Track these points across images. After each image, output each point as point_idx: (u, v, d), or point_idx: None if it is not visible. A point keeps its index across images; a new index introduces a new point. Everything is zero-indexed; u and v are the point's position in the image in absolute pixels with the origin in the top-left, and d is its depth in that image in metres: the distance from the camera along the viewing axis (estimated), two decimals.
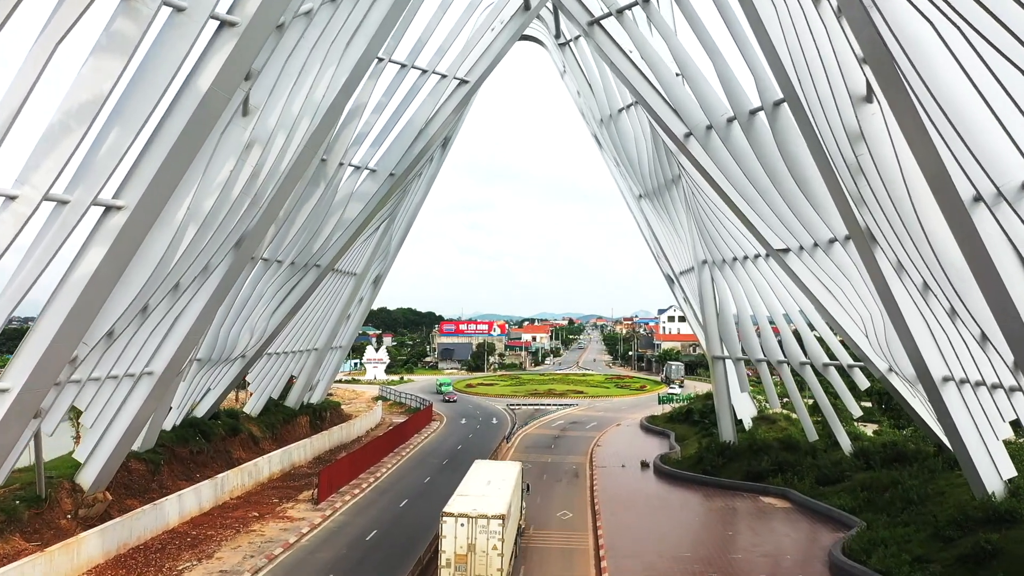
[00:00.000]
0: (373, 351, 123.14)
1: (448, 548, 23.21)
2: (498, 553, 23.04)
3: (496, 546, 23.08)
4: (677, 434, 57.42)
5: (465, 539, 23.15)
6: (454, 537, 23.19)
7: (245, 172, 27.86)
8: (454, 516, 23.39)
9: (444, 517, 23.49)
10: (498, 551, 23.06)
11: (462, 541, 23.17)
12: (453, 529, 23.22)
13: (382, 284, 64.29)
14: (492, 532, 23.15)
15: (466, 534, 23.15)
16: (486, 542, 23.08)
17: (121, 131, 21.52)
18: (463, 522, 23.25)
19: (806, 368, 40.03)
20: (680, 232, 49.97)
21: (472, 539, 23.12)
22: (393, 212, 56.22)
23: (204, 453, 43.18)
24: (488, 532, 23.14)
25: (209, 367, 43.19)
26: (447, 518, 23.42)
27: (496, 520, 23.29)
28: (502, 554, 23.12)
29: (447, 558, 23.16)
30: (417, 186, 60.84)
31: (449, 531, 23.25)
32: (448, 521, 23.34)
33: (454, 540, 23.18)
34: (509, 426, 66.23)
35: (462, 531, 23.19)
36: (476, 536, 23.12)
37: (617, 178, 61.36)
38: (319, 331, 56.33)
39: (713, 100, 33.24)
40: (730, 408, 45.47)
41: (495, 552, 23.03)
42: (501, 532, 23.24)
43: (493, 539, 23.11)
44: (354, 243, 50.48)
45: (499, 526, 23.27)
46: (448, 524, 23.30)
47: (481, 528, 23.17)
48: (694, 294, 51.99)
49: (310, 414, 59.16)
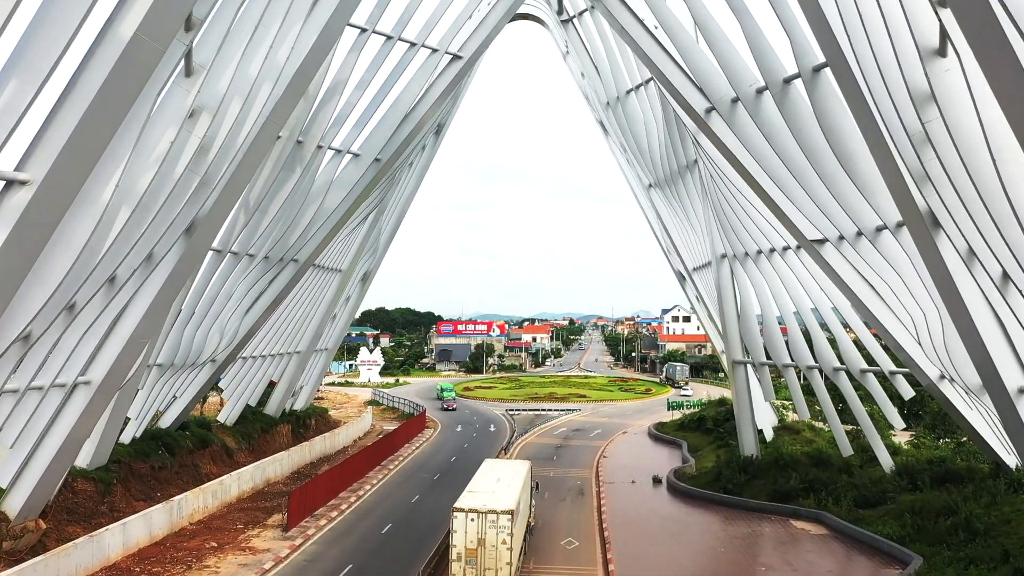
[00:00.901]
0: (367, 352, 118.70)
1: (459, 542, 23.73)
2: (507, 547, 23.68)
3: (505, 540, 23.69)
4: (690, 444, 53.01)
5: (475, 534, 23.69)
6: (464, 532, 23.73)
7: (191, 145, 23.47)
8: (464, 511, 23.93)
9: (455, 512, 24.00)
10: (507, 545, 23.69)
11: (472, 536, 23.70)
12: (464, 524, 23.75)
13: (371, 282, 59.92)
14: (501, 527, 23.75)
15: (476, 529, 23.70)
16: (496, 537, 23.67)
17: (20, 85, 17.13)
18: (473, 517, 23.77)
19: (840, 375, 35.61)
20: (695, 224, 45.57)
21: (482, 534, 23.68)
22: (381, 203, 51.83)
23: (168, 469, 38.80)
24: (498, 527, 23.72)
25: (173, 373, 38.82)
26: (458, 513, 23.92)
27: (505, 515, 23.82)
28: (511, 548, 23.75)
29: (458, 552, 23.69)
30: (408, 176, 56.47)
31: (460, 526, 23.75)
32: (459, 516, 23.86)
33: (464, 535, 23.73)
34: (508, 434, 61.83)
35: (472, 526, 23.73)
36: (486, 531, 23.69)
37: (623, 167, 56.98)
38: (301, 332, 51.91)
39: (740, 69, 28.89)
40: (752, 418, 41.04)
41: (504, 546, 23.66)
42: (510, 527, 23.80)
43: (503, 534, 23.72)
44: (337, 236, 46.10)
45: (508, 521, 23.80)
46: (459, 519, 23.81)
47: (491, 523, 23.72)
48: (710, 292, 47.60)
49: (292, 422, 54.76)
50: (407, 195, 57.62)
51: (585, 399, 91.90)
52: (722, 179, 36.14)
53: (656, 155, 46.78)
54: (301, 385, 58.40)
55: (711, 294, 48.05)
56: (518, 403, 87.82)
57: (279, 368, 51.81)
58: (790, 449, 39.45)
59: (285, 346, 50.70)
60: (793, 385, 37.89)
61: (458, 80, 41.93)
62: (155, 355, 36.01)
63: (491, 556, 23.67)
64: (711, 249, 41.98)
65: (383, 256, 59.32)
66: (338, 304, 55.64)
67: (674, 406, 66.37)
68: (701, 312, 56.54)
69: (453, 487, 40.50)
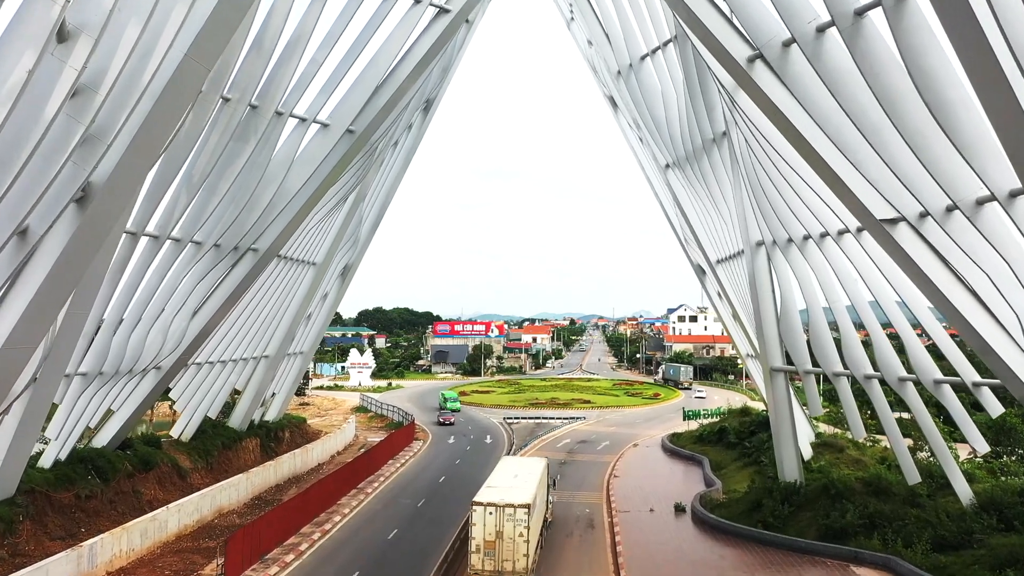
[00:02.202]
0: (357, 354, 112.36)
1: (478, 535, 24.51)
2: (524, 540, 24.36)
3: (522, 533, 24.40)
4: (712, 461, 46.71)
5: (493, 526, 24.42)
6: (483, 524, 24.49)
7: (64, 80, 17.14)
8: (483, 505, 24.74)
9: (474, 506, 24.89)
10: (524, 538, 24.37)
11: (490, 528, 24.44)
12: (482, 517, 24.54)
13: (352, 277, 53.55)
14: (519, 520, 24.42)
15: (494, 522, 24.43)
16: (513, 529, 24.37)
17: None
18: (491, 511, 24.53)
19: (907, 385, 29.26)
20: (722, 208, 39.23)
21: (500, 526, 24.41)
22: (361, 187, 45.54)
23: (99, 497, 32.51)
24: (515, 520, 24.41)
25: (103, 383, 32.54)
26: (476, 507, 24.76)
27: (522, 509, 24.56)
28: (528, 540, 24.43)
29: (477, 544, 24.49)
30: (393, 158, 50.16)
31: (478, 519, 24.58)
32: (477, 510, 24.71)
33: (483, 527, 24.48)
34: (505, 447, 55.50)
35: (490, 519, 24.47)
36: (503, 524, 24.40)
37: (635, 148, 50.65)
38: (269, 334, 45.58)
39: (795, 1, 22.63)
40: (794, 438, 34.65)
41: (521, 539, 24.36)
42: (527, 520, 24.52)
43: (519, 527, 24.38)
44: (306, 223, 39.85)
45: (525, 514, 24.52)
46: (477, 512, 24.67)
47: (508, 516, 24.44)
48: (738, 287, 41.28)
49: (262, 436, 48.41)
50: (392, 179, 51.31)
51: (589, 405, 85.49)
52: (763, 149, 29.73)
53: (676, 129, 40.46)
54: (273, 393, 52.09)
55: (739, 289, 41.75)
56: (517, 410, 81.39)
57: (244, 375, 45.45)
58: (841, 474, 33.05)
59: (250, 350, 44.36)
60: (847, 399, 31.49)
61: (446, 39, 35.75)
62: (76, 363, 29.78)
63: (508, 548, 24.38)
64: (743, 236, 35.62)
65: (365, 248, 52.96)
66: (313, 302, 49.32)
67: (691, 416, 59.95)
68: (723, 310, 50.23)
69: (440, 518, 34.33)
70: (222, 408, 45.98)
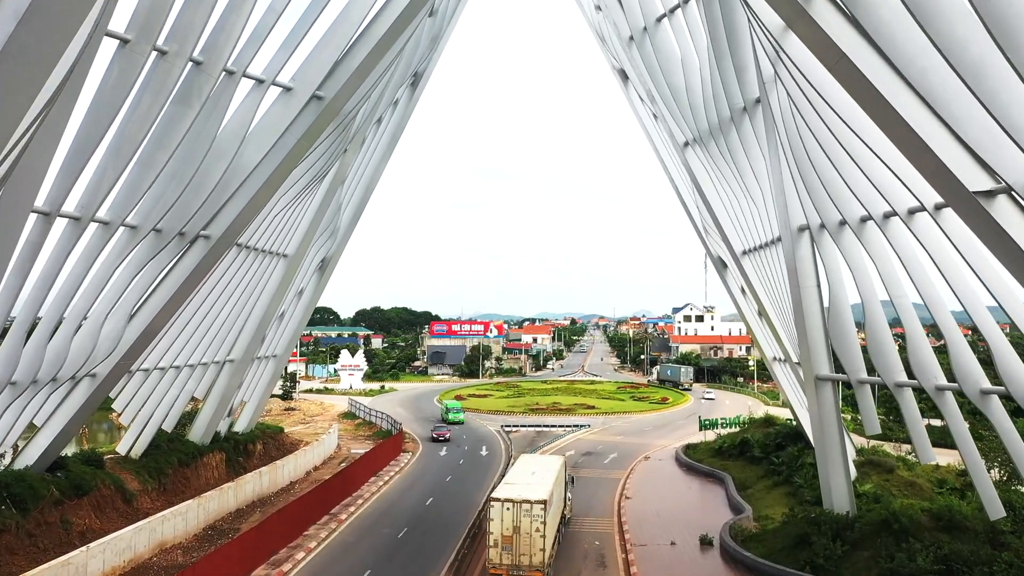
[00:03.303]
0: (348, 356, 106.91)
1: (495, 530, 25.23)
2: (540, 535, 24.93)
3: (539, 528, 24.98)
4: (736, 479, 41.33)
5: (511, 521, 25.10)
6: (500, 520, 25.19)
7: None
8: (500, 501, 25.40)
9: (491, 502, 25.63)
10: (540, 532, 24.94)
11: (508, 523, 25.13)
12: (500, 513, 25.26)
13: (332, 271, 48.14)
14: (535, 516, 25.02)
15: (511, 517, 25.10)
16: (529, 524, 24.99)
17: None
18: (508, 506, 25.19)
19: (990, 399, 23.86)
20: (753, 189, 33.87)
21: (517, 522, 25.07)
22: (340, 169, 40.20)
23: (13, 531, 27.21)
24: (531, 516, 25.01)
25: (15, 394, 27.16)
26: (494, 503, 25.48)
27: (538, 505, 25.17)
28: (544, 535, 24.94)
29: (494, 539, 25.19)
30: (376, 137, 44.83)
31: (496, 514, 25.29)
32: (495, 506, 25.39)
33: (500, 522, 25.17)
34: (503, 460, 50.11)
35: (507, 514, 25.14)
36: (520, 519, 25.07)
37: (648, 125, 45.29)
38: (233, 336, 40.18)
39: None
40: (845, 461, 29.21)
41: (538, 534, 24.94)
42: (543, 516, 25.04)
43: (536, 522, 25.01)
44: (270, 207, 34.53)
45: (541, 510, 25.08)
46: (495, 508, 25.36)
47: (525, 512, 25.08)
48: (769, 280, 35.92)
49: (228, 449, 43.01)
50: (376, 162, 45.98)
51: (594, 411, 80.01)
52: (814, 109, 24.29)
53: (698, 99, 35.12)
54: (243, 401, 46.75)
55: (770, 284, 36.41)
56: (516, 416, 76.00)
57: (204, 382, 40.05)
58: (902, 504, 27.62)
59: (211, 353, 38.96)
60: (912, 414, 26.00)
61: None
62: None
63: (525, 542, 24.88)
64: (781, 220, 30.18)
65: (347, 240, 47.54)
66: (286, 299, 43.95)
67: (707, 425, 54.49)
68: (747, 308, 44.86)
69: (424, 550, 29.07)
70: (180, 419, 40.69)
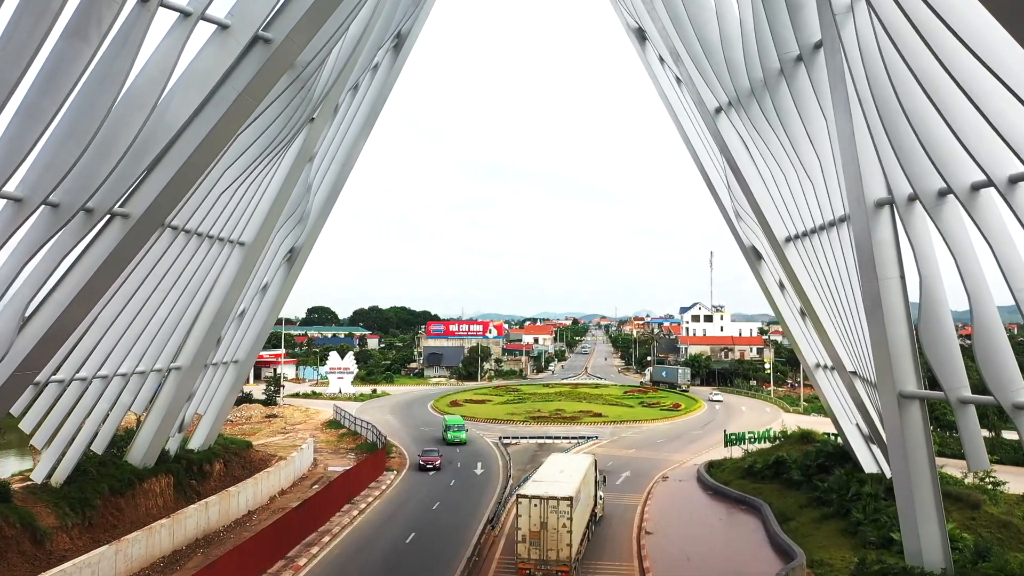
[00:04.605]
0: (337, 358, 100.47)
1: (524, 525, 25.84)
2: (567, 531, 25.51)
3: (565, 524, 25.54)
4: (775, 508, 34.94)
5: (538, 518, 25.66)
6: (528, 516, 25.79)
7: None
8: (528, 498, 25.97)
9: (519, 499, 26.20)
10: (567, 528, 25.53)
11: (535, 519, 25.68)
12: (528, 509, 25.83)
13: (303, 263, 41.75)
14: (562, 512, 25.59)
15: (539, 513, 25.67)
16: (556, 521, 25.56)
17: None
18: (536, 503, 25.76)
19: None
20: (808, 157, 27.47)
21: (544, 518, 25.62)
22: (305, 141, 33.91)
23: None
24: (558, 512, 25.59)
25: None
26: (522, 499, 26.04)
27: (565, 501, 25.72)
28: (571, 531, 25.56)
29: (523, 534, 25.80)
30: (353, 105, 38.52)
31: (524, 511, 25.89)
32: (523, 502, 25.96)
33: (528, 519, 25.77)
34: (500, 481, 43.74)
35: (535, 511, 25.73)
36: (548, 515, 25.63)
37: (669, 92, 38.95)
38: (178, 337, 33.83)
39: None
40: (938, 505, 22.81)
41: (565, 530, 25.50)
42: (570, 512, 25.63)
43: (563, 518, 25.57)
44: (215, 182, 28.19)
45: (568, 507, 25.67)
46: (523, 505, 25.93)
47: (552, 508, 25.66)
48: (825, 272, 29.53)
49: (178, 471, 36.66)
50: (353, 136, 39.61)
51: (601, 419, 73.55)
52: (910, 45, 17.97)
53: (737, 52, 28.89)
54: (198, 414, 40.41)
55: (822, 276, 30.04)
56: (516, 425, 69.63)
57: (144, 392, 33.70)
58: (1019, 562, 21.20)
59: (150, 360, 32.60)
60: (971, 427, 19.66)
61: None
62: None
63: (552, 538, 25.46)
64: (854, 192, 23.67)
65: (319, 227, 41.10)
66: (245, 295, 37.59)
67: (733, 440, 48.06)
68: (784, 306, 38.49)
69: None
70: (117, 438, 34.43)
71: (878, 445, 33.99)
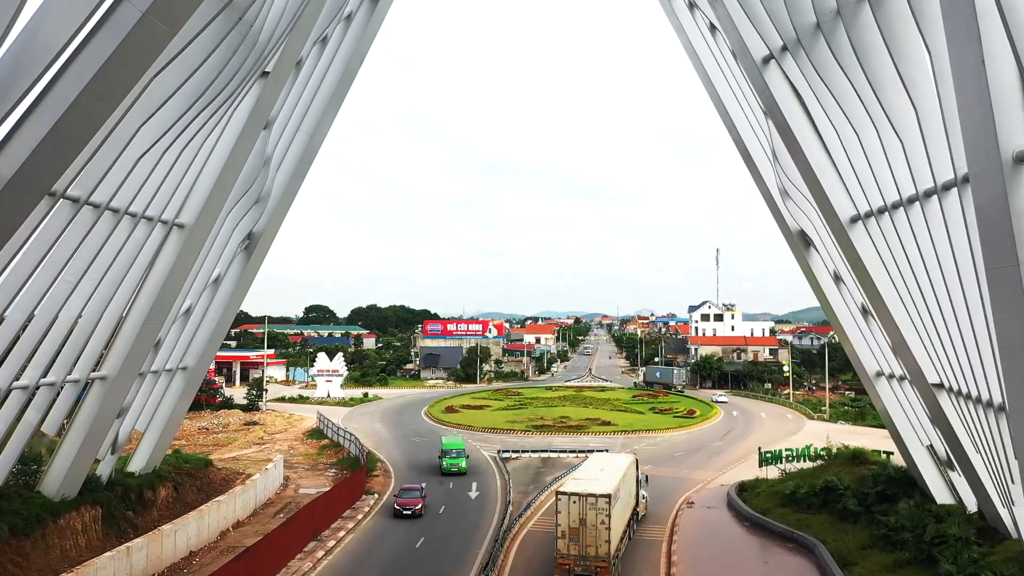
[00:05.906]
0: (326, 360, 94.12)
1: (563, 522, 26.23)
2: (605, 527, 25.85)
3: (604, 521, 25.89)
4: (831, 548, 28.60)
5: (577, 515, 26.07)
6: (568, 513, 26.19)
7: None
8: (567, 495, 26.38)
9: (559, 496, 26.53)
10: (605, 525, 25.86)
11: (574, 516, 26.09)
12: (567, 506, 26.22)
13: (265, 252, 35.39)
14: (600, 509, 25.97)
15: (578, 510, 26.08)
16: (595, 518, 25.94)
17: None
18: (575, 500, 26.17)
19: None
20: (898, 108, 21.11)
21: (583, 515, 26.03)
22: (258, 100, 27.60)
23: None
24: (596, 509, 25.98)
25: None
26: (562, 496, 26.42)
27: (603, 499, 26.06)
28: (609, 528, 25.88)
29: (562, 530, 26.18)
30: (322, 62, 32.22)
31: (563, 508, 26.26)
32: (563, 499, 26.36)
33: (568, 515, 26.18)
34: (498, 506, 37.46)
35: (574, 508, 26.12)
36: (586, 512, 26.03)
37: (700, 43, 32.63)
38: (98, 341, 27.51)
39: None
40: None
41: (603, 527, 25.86)
42: (608, 509, 25.96)
43: (601, 515, 25.93)
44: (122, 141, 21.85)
45: (606, 504, 25.99)
46: (563, 501, 26.31)
47: (590, 505, 26.04)
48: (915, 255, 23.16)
49: (108, 502, 30.32)
50: (324, 99, 33.26)
51: (610, 428, 67.14)
52: None
53: None
54: (138, 430, 34.09)
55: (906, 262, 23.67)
56: (517, 435, 63.28)
57: (57, 409, 27.40)
58: None
59: (62, 369, 26.29)
60: None
61: None
62: None
63: (591, 535, 25.79)
64: (980, 145, 17.39)
65: (285, 208, 34.68)
66: (190, 289, 31.23)
67: (769, 459, 41.70)
68: (838, 301, 32.12)
69: None
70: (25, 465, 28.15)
71: (960, 472, 27.75)
